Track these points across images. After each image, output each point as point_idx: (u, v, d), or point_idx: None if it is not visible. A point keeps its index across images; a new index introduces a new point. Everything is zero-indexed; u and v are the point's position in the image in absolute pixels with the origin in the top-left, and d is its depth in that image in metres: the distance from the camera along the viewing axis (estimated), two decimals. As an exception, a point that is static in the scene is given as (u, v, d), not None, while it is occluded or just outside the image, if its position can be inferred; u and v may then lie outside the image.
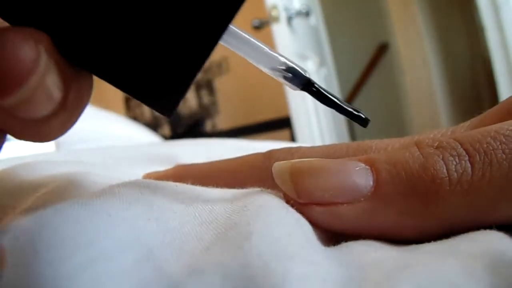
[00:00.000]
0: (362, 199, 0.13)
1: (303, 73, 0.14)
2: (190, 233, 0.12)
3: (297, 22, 1.58)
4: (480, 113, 0.17)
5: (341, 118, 1.98)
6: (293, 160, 0.14)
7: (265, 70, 0.15)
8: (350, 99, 2.66)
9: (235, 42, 0.14)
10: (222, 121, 2.40)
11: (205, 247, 0.12)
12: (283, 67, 0.14)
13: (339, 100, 0.14)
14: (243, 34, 0.14)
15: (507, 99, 0.16)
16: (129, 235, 0.12)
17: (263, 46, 0.14)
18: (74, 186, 0.16)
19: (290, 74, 0.14)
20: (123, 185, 0.15)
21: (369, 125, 0.15)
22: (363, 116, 0.14)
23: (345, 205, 0.13)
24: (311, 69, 1.63)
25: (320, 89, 0.14)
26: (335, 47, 2.17)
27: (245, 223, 0.12)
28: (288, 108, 1.52)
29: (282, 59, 0.14)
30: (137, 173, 0.23)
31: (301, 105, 1.49)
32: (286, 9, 1.50)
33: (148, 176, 0.22)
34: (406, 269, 0.11)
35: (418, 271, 0.11)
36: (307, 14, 1.55)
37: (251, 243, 0.11)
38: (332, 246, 0.13)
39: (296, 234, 0.12)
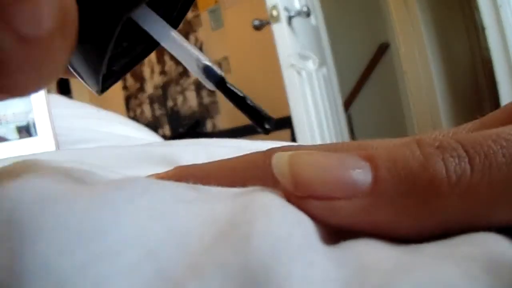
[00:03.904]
0: (360, 195, 0.13)
1: (217, 71, 0.16)
2: (191, 233, 0.12)
3: (297, 22, 1.58)
4: (482, 115, 0.17)
5: (342, 118, 1.98)
6: (292, 152, 0.14)
7: (187, 66, 0.16)
8: (350, 99, 2.66)
9: (161, 38, 0.15)
10: (222, 121, 2.40)
11: (206, 247, 0.12)
12: (201, 65, 0.16)
13: (249, 101, 0.15)
14: (170, 32, 0.15)
15: (510, 103, 0.16)
16: (132, 231, 0.12)
17: (186, 44, 0.16)
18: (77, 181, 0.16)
19: (205, 73, 0.16)
20: (125, 179, 0.14)
21: (369, 125, 0.15)
22: (267, 125, 0.15)
23: (342, 200, 0.13)
24: (311, 69, 1.63)
25: (232, 88, 0.15)
26: (335, 47, 2.17)
27: (246, 224, 0.12)
28: (288, 108, 1.52)
29: (199, 57, 0.16)
30: (137, 173, 0.23)
31: (301, 105, 1.49)
32: (286, 9, 1.50)
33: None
34: (406, 271, 0.11)
35: (418, 273, 0.11)
36: (307, 14, 1.55)
37: (252, 244, 0.11)
38: (333, 244, 0.13)
39: (297, 234, 0.12)
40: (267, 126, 0.14)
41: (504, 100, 1.51)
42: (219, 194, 0.15)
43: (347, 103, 2.59)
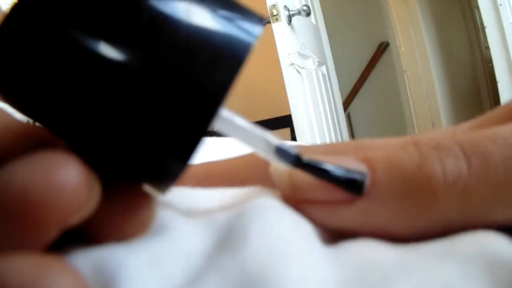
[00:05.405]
0: (357, 198, 0.13)
1: (290, 150, 0.13)
2: (191, 236, 0.12)
3: (297, 21, 1.58)
4: (481, 114, 0.17)
5: (341, 117, 1.98)
6: None
7: (255, 150, 0.14)
8: (349, 98, 2.66)
9: (223, 127, 0.13)
10: (222, 120, 2.39)
11: (205, 251, 0.12)
12: (272, 146, 0.14)
13: (334, 171, 0.13)
14: (234, 119, 0.13)
15: (509, 102, 0.16)
16: (137, 239, 0.12)
17: (250, 127, 0.14)
18: None
19: (277, 154, 0.13)
20: None
21: (369, 124, 0.15)
22: (359, 189, 0.13)
23: (340, 204, 0.13)
24: (311, 67, 1.63)
25: (310, 162, 0.13)
26: (335, 46, 2.17)
27: (244, 226, 0.12)
28: (287, 107, 1.52)
29: (267, 139, 0.14)
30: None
31: (300, 104, 1.49)
32: (286, 8, 1.50)
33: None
34: (404, 270, 0.11)
35: (417, 273, 0.11)
36: (307, 13, 1.55)
37: (250, 247, 0.11)
38: (332, 245, 0.13)
39: (295, 236, 0.12)
40: (359, 190, 0.13)
41: (504, 99, 1.51)
42: (219, 196, 0.15)
43: (347, 102, 2.60)
